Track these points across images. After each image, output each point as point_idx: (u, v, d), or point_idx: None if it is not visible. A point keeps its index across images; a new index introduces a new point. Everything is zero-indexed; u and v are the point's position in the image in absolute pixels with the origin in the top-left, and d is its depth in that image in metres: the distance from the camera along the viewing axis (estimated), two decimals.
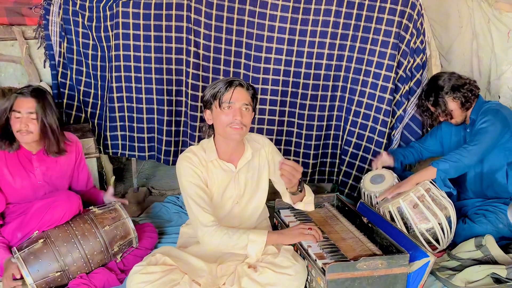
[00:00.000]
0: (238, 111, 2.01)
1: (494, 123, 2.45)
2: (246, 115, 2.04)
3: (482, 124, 2.48)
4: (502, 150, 2.52)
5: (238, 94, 2.01)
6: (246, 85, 2.06)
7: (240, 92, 2.02)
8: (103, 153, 3.19)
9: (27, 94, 2.23)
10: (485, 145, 2.45)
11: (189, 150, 2.15)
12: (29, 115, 2.22)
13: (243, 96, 2.03)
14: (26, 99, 2.23)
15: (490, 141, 2.45)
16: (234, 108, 2.01)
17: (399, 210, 2.42)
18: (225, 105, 2.00)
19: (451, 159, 2.45)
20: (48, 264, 2.07)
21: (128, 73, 2.99)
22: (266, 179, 2.25)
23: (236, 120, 2.00)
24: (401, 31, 2.84)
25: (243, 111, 2.02)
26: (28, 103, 2.22)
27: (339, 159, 3.22)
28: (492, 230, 2.41)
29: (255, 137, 2.29)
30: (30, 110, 2.22)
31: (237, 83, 2.03)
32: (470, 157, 2.43)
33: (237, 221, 2.20)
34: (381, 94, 2.94)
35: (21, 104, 2.22)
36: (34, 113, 2.23)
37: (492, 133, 2.45)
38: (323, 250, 2.05)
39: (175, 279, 1.88)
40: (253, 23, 2.89)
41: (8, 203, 2.35)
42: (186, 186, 2.06)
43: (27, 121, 2.22)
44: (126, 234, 2.27)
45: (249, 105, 2.04)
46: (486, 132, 2.45)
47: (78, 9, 2.97)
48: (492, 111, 2.50)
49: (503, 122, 2.47)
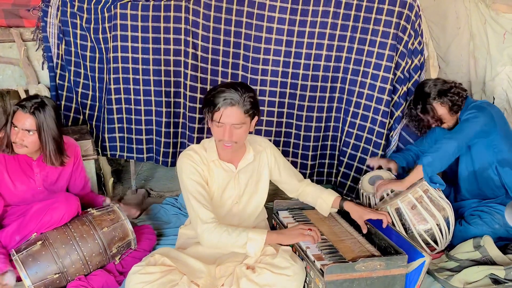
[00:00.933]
0: (228, 130, 1.98)
1: (476, 116, 2.48)
2: (238, 133, 2.00)
3: (465, 116, 2.52)
4: (490, 147, 2.54)
5: (228, 115, 1.96)
6: (241, 101, 1.96)
7: (231, 112, 1.95)
8: (101, 155, 3.18)
9: (26, 110, 2.16)
10: (465, 133, 2.46)
11: (191, 148, 2.16)
12: (25, 131, 2.18)
13: (234, 116, 1.96)
14: (25, 115, 2.16)
15: (471, 129, 2.46)
16: (224, 127, 1.98)
17: (398, 211, 2.42)
18: (216, 123, 1.99)
19: (431, 150, 2.46)
20: (47, 266, 2.07)
21: (126, 75, 2.99)
22: (266, 181, 2.27)
23: (225, 139, 1.99)
24: (399, 32, 2.85)
25: (234, 129, 1.99)
26: (25, 120, 2.16)
27: (337, 160, 3.22)
28: (488, 231, 2.42)
29: (257, 139, 2.30)
30: (26, 128, 2.17)
31: (229, 103, 1.94)
32: (449, 143, 2.43)
33: (236, 220, 2.21)
34: (379, 95, 2.94)
35: (19, 118, 2.17)
36: (33, 130, 2.19)
37: (472, 123, 2.47)
38: (321, 251, 2.05)
39: (174, 279, 1.88)
40: (251, 24, 2.90)
41: (6, 205, 2.34)
42: (187, 182, 2.06)
43: (23, 136, 2.18)
44: (124, 236, 2.27)
45: (241, 124, 1.99)
46: (467, 121, 2.49)
47: (76, 11, 2.97)
48: (477, 107, 2.54)
49: (486, 116, 2.48)
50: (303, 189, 2.37)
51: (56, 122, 2.24)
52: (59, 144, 2.27)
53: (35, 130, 2.18)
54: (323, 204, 2.31)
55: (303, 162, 3.19)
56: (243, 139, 2.06)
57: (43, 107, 2.19)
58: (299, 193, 2.39)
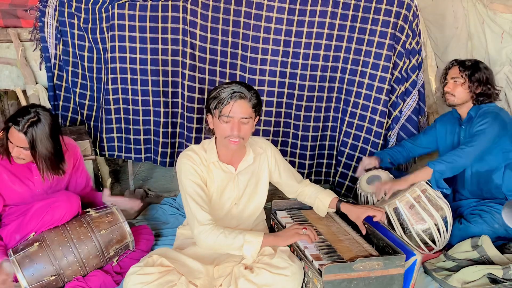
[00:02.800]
0: (237, 125, 1.98)
1: (492, 125, 2.47)
2: (245, 128, 2.01)
3: (480, 126, 2.49)
4: (500, 152, 2.54)
5: (238, 108, 1.97)
6: (249, 95, 1.99)
7: (241, 105, 1.97)
8: (99, 155, 3.18)
9: (19, 129, 2.10)
10: (481, 147, 2.46)
11: (191, 148, 2.15)
12: (20, 148, 2.15)
13: (243, 109, 1.98)
14: (18, 134, 2.11)
15: (486, 142, 2.47)
16: (233, 121, 1.99)
17: (396, 211, 2.42)
18: (224, 118, 1.98)
19: (447, 160, 2.46)
20: (43, 268, 2.07)
21: (124, 75, 2.98)
22: (265, 183, 2.26)
23: (233, 133, 1.99)
24: (396, 32, 2.85)
25: (242, 124, 2.00)
26: (18, 138, 2.12)
27: (335, 160, 3.22)
28: (488, 230, 2.42)
29: (257, 140, 2.29)
30: (20, 145, 2.14)
31: (238, 96, 1.96)
32: (466, 157, 2.45)
33: (235, 222, 2.21)
34: (377, 95, 2.95)
35: (13, 136, 2.13)
36: (24, 147, 2.15)
37: (488, 134, 2.46)
38: (319, 251, 2.05)
39: (172, 280, 1.88)
40: (249, 24, 2.90)
41: (5, 205, 2.33)
42: (185, 183, 2.06)
43: (18, 151, 2.16)
44: (122, 238, 2.27)
45: (249, 118, 2.01)
46: (483, 133, 2.47)
47: (74, 11, 2.97)
48: (492, 114, 2.52)
49: (501, 124, 2.49)
50: (302, 189, 2.37)
51: (51, 138, 2.17)
52: (53, 159, 2.22)
53: (27, 148, 2.14)
54: (320, 205, 2.32)
55: (301, 161, 3.19)
56: (248, 136, 2.07)
57: (37, 125, 2.13)
58: (297, 193, 2.39)
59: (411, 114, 3.01)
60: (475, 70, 2.57)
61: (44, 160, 2.19)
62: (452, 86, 2.61)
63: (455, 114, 2.73)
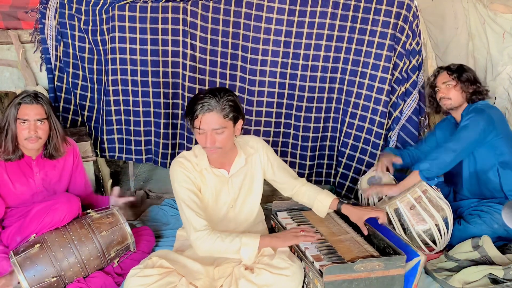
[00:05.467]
0: (209, 136, 1.96)
1: (475, 120, 2.48)
2: (220, 137, 1.98)
3: (465, 122, 2.52)
4: (491, 149, 2.54)
5: (207, 121, 1.93)
6: (219, 106, 1.93)
7: (210, 118, 1.93)
8: (100, 157, 3.18)
9: (31, 101, 2.20)
10: (465, 142, 2.47)
11: (182, 155, 2.14)
12: (37, 121, 2.21)
13: (213, 121, 1.94)
14: (32, 105, 2.20)
15: (470, 138, 2.47)
16: (205, 133, 1.97)
17: (396, 211, 2.42)
18: (197, 130, 1.98)
19: (430, 157, 2.49)
20: (44, 269, 2.07)
21: (124, 76, 2.99)
22: (259, 183, 2.25)
23: (207, 145, 1.98)
24: (396, 32, 2.85)
25: (216, 134, 1.97)
26: (35, 110, 2.20)
27: (336, 160, 3.22)
28: (487, 231, 2.41)
29: (248, 140, 2.26)
30: (38, 117, 2.21)
31: (206, 109, 1.92)
32: (447, 153, 2.47)
33: (233, 225, 2.20)
34: (378, 96, 2.95)
35: (28, 111, 2.19)
36: (43, 119, 2.22)
37: (471, 130, 2.47)
38: (320, 252, 2.05)
39: (172, 281, 1.88)
40: (249, 25, 2.90)
41: (7, 207, 2.33)
42: (179, 190, 2.06)
43: (35, 127, 2.21)
44: (123, 239, 2.26)
45: (222, 128, 1.96)
46: (466, 128, 2.49)
47: (74, 12, 2.98)
48: (476, 110, 2.54)
49: (486, 120, 2.48)
50: (299, 188, 2.34)
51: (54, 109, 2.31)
52: (62, 133, 2.34)
53: (45, 118, 2.23)
54: (320, 206, 2.29)
55: (302, 162, 3.19)
56: (227, 144, 2.03)
57: (42, 96, 2.26)
58: (294, 192, 2.35)
59: (412, 114, 3.01)
60: (462, 71, 2.62)
61: (58, 129, 2.29)
62: (446, 90, 2.63)
63: (451, 120, 2.75)
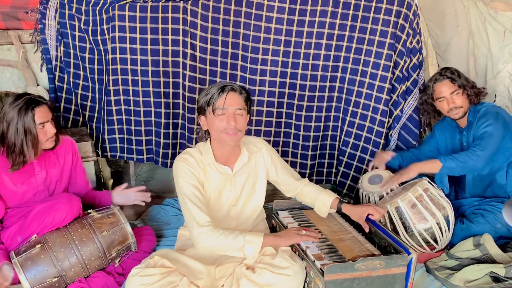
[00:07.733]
0: (232, 116, 2.01)
1: (497, 127, 2.48)
2: (240, 120, 2.05)
3: (486, 128, 2.50)
4: (502, 151, 2.54)
5: (231, 99, 2.02)
6: (239, 89, 2.07)
7: (233, 97, 2.03)
8: (101, 156, 3.19)
9: (42, 103, 2.25)
10: (492, 150, 2.47)
11: (186, 152, 2.16)
12: (51, 121, 2.27)
13: (236, 101, 2.03)
14: (45, 108, 2.25)
15: (495, 144, 2.48)
16: (228, 113, 2.01)
17: (398, 210, 2.42)
18: (219, 111, 2.01)
19: (459, 158, 2.46)
20: (45, 270, 2.07)
21: (125, 76, 2.99)
22: (263, 182, 2.26)
23: (230, 125, 2.00)
24: (397, 31, 2.85)
25: (237, 116, 2.03)
26: (48, 112, 2.26)
27: (337, 159, 3.22)
28: (490, 230, 2.41)
29: (251, 139, 2.29)
30: (48, 119, 2.26)
31: (230, 88, 2.03)
32: (478, 161, 2.45)
33: (234, 223, 2.21)
34: (378, 94, 2.94)
35: (44, 114, 2.24)
36: (51, 118, 2.28)
37: (496, 136, 2.48)
38: (321, 251, 2.05)
39: (174, 281, 1.88)
40: (249, 25, 2.90)
41: (7, 207, 2.34)
42: (183, 186, 2.06)
43: (51, 128, 2.27)
44: (124, 239, 2.27)
45: (243, 109, 2.05)
46: (492, 136, 2.47)
47: (74, 12, 2.98)
48: (492, 114, 2.53)
49: (504, 124, 2.50)
50: (301, 189, 2.36)
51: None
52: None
53: (52, 116, 2.29)
54: (322, 206, 2.31)
55: (303, 162, 3.19)
56: (244, 129, 2.09)
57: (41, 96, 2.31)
58: (296, 192, 2.38)
59: (412, 113, 3.01)
60: (458, 76, 2.62)
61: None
62: (457, 99, 2.61)
63: (452, 123, 2.74)
